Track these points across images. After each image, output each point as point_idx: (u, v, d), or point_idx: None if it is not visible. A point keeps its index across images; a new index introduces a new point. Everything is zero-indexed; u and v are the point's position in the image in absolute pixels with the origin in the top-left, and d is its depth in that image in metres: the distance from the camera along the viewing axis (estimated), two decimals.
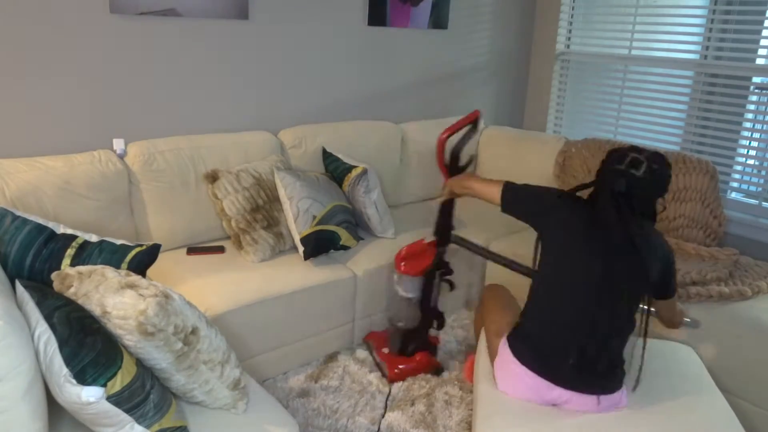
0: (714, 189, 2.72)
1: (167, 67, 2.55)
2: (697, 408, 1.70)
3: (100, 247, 1.82)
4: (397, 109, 3.41)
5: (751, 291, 2.30)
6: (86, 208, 2.24)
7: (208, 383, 1.48)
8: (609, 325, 1.61)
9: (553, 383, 1.63)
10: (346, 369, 2.45)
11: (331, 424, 2.13)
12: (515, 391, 1.71)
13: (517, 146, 3.40)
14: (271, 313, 2.25)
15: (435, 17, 3.36)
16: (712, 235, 2.73)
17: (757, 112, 3.00)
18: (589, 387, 1.63)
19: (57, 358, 1.23)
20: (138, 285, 1.40)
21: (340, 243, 2.54)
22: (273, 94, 2.90)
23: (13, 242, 1.72)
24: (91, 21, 2.31)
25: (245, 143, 2.69)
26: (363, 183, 2.72)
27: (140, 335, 1.32)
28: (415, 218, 3.10)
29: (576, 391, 1.63)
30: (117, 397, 1.27)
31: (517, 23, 3.81)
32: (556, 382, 1.63)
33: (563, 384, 1.63)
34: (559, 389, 1.64)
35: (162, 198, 2.45)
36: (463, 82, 3.67)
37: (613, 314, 1.61)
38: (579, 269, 1.60)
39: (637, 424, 1.63)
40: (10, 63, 2.19)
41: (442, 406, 2.26)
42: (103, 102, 2.43)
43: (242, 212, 2.45)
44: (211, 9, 2.58)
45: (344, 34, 3.06)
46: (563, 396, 1.65)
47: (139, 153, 2.41)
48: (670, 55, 3.28)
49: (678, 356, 1.97)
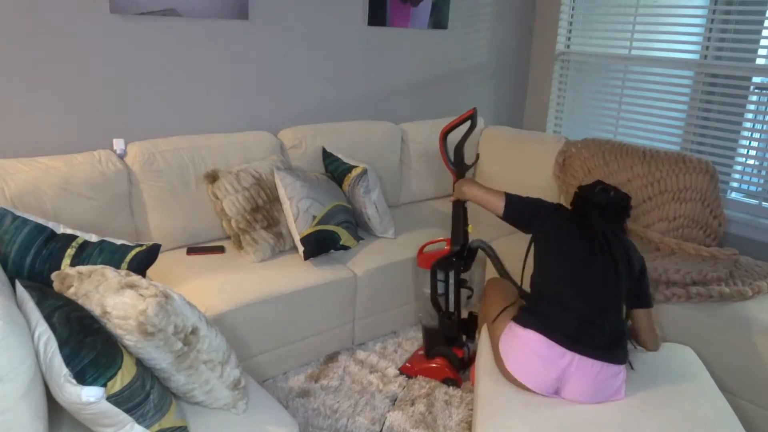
0: (714, 189, 2.72)
1: (167, 67, 2.55)
2: (697, 408, 1.70)
3: (100, 247, 1.82)
4: (397, 109, 3.41)
5: (751, 291, 2.30)
6: (86, 208, 2.24)
7: (208, 383, 1.48)
8: (605, 299, 1.79)
9: (563, 346, 1.72)
10: (346, 369, 2.45)
11: (331, 424, 2.13)
12: (525, 366, 1.75)
13: (517, 146, 3.40)
14: (271, 313, 2.25)
15: (435, 17, 3.36)
16: (712, 235, 2.73)
17: (757, 112, 3.00)
18: (594, 350, 1.72)
19: (57, 358, 1.23)
20: (138, 285, 1.40)
21: (340, 243, 2.54)
22: (273, 94, 2.90)
23: (13, 242, 1.72)
24: (91, 21, 2.31)
25: (245, 143, 2.69)
26: (363, 183, 2.72)
27: (140, 335, 1.32)
28: (415, 218, 3.10)
29: (582, 354, 1.71)
30: (117, 397, 1.27)
31: (517, 23, 3.81)
32: (565, 344, 1.72)
33: (571, 346, 1.71)
34: (568, 354, 1.71)
35: (162, 198, 2.45)
36: (463, 82, 3.67)
37: (606, 289, 1.80)
38: (575, 254, 1.84)
39: (637, 424, 1.63)
40: (10, 63, 2.19)
41: (442, 406, 2.26)
42: (103, 102, 2.43)
43: (242, 212, 2.45)
44: (211, 9, 2.58)
45: (344, 34, 3.06)
46: (571, 364, 1.70)
47: (139, 153, 2.41)
48: (670, 55, 3.28)
49: (678, 356, 1.97)
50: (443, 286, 2.34)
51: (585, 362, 1.71)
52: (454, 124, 2.25)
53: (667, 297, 2.32)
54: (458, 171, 2.29)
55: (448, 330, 2.39)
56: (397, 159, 3.24)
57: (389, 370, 2.46)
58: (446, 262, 2.31)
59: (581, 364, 1.70)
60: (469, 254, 2.35)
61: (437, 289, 2.34)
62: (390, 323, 2.72)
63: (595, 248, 1.82)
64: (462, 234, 2.29)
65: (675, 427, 1.62)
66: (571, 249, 1.85)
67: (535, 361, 1.73)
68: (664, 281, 2.36)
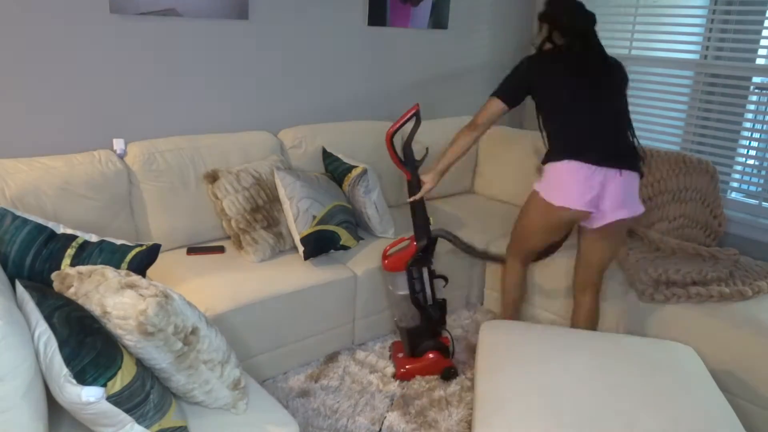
0: (714, 189, 2.72)
1: (167, 67, 2.55)
2: (697, 407, 1.70)
3: (100, 247, 1.82)
4: (397, 109, 3.41)
5: (751, 291, 2.30)
6: (86, 208, 2.24)
7: (208, 383, 1.48)
8: (618, 125, 2.14)
9: (595, 164, 2.04)
10: (346, 369, 2.45)
11: (331, 424, 2.13)
12: (567, 192, 2.07)
13: (516, 146, 3.40)
14: (271, 313, 2.25)
15: (435, 17, 3.36)
16: (712, 235, 2.73)
17: (757, 112, 3.00)
18: (617, 162, 2.06)
19: (57, 358, 1.23)
20: (138, 285, 1.40)
21: (340, 243, 2.54)
22: (273, 94, 2.90)
23: (13, 242, 1.72)
24: (91, 21, 2.31)
25: (245, 143, 2.69)
26: (363, 183, 2.72)
27: (140, 335, 1.32)
28: None
29: (608, 166, 2.04)
30: (117, 397, 1.27)
31: (517, 23, 3.81)
32: (597, 162, 2.04)
33: (600, 163, 2.04)
34: (599, 169, 2.04)
35: (162, 198, 2.45)
36: (463, 82, 3.67)
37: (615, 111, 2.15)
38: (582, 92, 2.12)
39: (637, 422, 1.63)
40: (10, 63, 2.19)
41: (441, 405, 2.26)
42: (103, 102, 2.43)
43: (242, 212, 2.45)
44: (211, 9, 2.58)
45: (344, 34, 3.06)
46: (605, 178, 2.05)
47: (139, 153, 2.41)
48: (670, 55, 3.28)
49: (678, 356, 1.97)
50: (419, 283, 2.35)
51: (613, 174, 2.04)
52: (399, 124, 2.27)
53: (667, 297, 2.32)
54: (411, 169, 2.30)
55: (436, 323, 2.41)
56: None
57: (389, 370, 2.46)
58: (419, 259, 2.32)
59: (609, 175, 2.04)
60: (433, 245, 2.37)
61: (415, 288, 2.35)
62: (390, 323, 2.72)
63: (594, 82, 2.11)
64: (426, 228, 2.31)
65: (675, 426, 1.62)
66: (575, 95, 2.11)
67: (575, 185, 2.06)
68: (664, 281, 2.36)
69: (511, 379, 1.82)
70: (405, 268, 2.31)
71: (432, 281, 2.38)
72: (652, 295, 2.34)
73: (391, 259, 2.34)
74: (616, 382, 1.80)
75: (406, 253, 2.32)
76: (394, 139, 2.40)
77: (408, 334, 2.40)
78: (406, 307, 2.37)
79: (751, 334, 2.11)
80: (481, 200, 3.51)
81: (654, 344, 2.04)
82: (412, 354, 2.43)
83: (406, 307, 2.38)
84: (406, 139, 2.30)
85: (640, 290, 2.37)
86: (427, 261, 2.34)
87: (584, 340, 2.05)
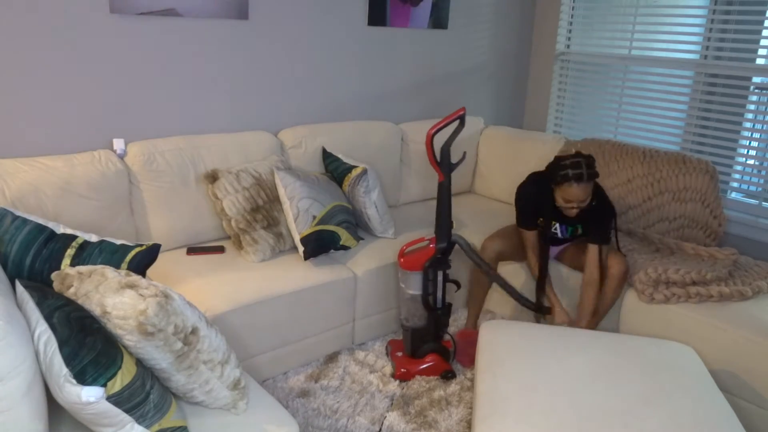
0: (714, 189, 2.72)
1: (167, 67, 2.55)
2: (697, 408, 1.70)
3: (100, 247, 1.83)
4: (397, 109, 3.41)
5: (751, 291, 2.30)
6: (86, 208, 2.24)
7: (208, 383, 1.48)
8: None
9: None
10: (346, 369, 2.46)
11: (331, 424, 2.13)
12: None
13: (516, 146, 3.40)
14: (270, 313, 2.25)
15: (435, 17, 3.36)
16: (712, 235, 2.73)
17: (757, 112, 3.00)
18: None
19: (57, 358, 1.24)
20: (138, 285, 1.40)
21: (340, 243, 2.54)
22: (273, 94, 2.90)
23: (13, 242, 1.72)
24: (91, 21, 2.31)
25: (245, 143, 2.69)
26: (363, 183, 2.72)
27: (140, 335, 1.32)
28: (415, 218, 3.10)
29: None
30: (117, 397, 1.27)
31: (517, 23, 3.81)
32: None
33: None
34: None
35: (162, 198, 2.45)
36: (463, 82, 3.67)
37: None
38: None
39: (637, 421, 1.63)
40: (10, 63, 2.19)
41: (441, 405, 2.26)
42: (103, 102, 2.43)
43: (242, 212, 2.45)
44: (211, 9, 2.58)
45: (344, 34, 3.06)
46: None
47: (139, 153, 2.41)
48: (670, 55, 3.28)
49: (678, 356, 1.97)
50: (432, 285, 2.35)
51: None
52: (442, 124, 2.25)
53: (667, 297, 2.32)
54: (445, 171, 2.30)
55: (442, 326, 2.42)
56: (397, 159, 3.24)
57: (389, 370, 2.46)
58: (437, 262, 2.32)
59: None
60: (450, 249, 2.37)
61: (428, 289, 2.35)
62: (390, 323, 2.72)
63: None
64: (448, 232, 2.31)
65: (675, 425, 1.62)
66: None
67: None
68: (664, 281, 2.36)
69: (510, 379, 1.82)
70: (422, 268, 2.31)
71: (445, 285, 2.38)
72: (652, 295, 2.34)
73: (408, 258, 2.33)
74: (616, 382, 1.81)
75: (425, 253, 2.32)
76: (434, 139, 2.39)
77: (412, 335, 2.41)
78: (415, 307, 2.38)
79: (750, 334, 2.11)
80: (482, 200, 3.51)
81: (654, 344, 2.04)
82: (413, 354, 2.43)
83: (414, 307, 2.38)
84: (447, 141, 2.27)
85: (640, 290, 2.37)
86: (444, 264, 2.34)
87: (584, 340, 2.05)
